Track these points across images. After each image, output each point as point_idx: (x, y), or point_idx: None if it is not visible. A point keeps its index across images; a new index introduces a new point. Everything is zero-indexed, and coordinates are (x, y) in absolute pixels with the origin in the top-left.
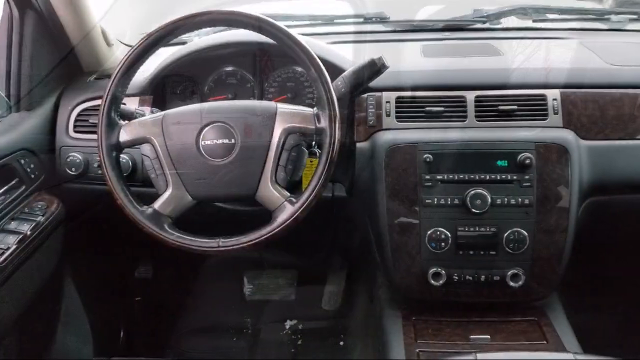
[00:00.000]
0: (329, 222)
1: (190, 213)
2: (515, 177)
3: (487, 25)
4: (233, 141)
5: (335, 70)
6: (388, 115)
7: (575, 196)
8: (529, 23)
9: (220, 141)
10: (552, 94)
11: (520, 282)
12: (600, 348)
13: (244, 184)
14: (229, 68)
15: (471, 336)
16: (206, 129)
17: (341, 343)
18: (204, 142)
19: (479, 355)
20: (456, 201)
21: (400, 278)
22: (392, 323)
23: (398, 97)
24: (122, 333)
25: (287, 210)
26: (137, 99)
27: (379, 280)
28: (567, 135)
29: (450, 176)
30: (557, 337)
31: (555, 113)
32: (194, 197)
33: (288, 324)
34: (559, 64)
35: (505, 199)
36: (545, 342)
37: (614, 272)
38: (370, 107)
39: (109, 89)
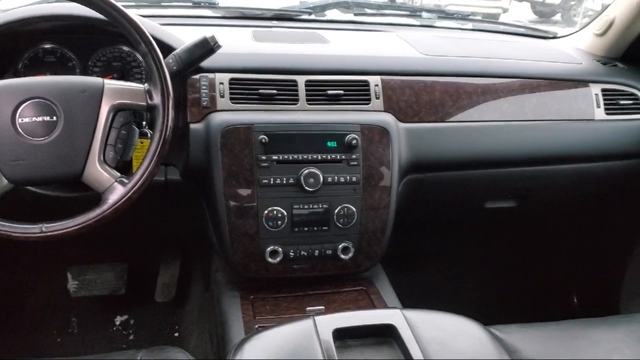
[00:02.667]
0: (162, 208)
1: (9, 199)
2: (343, 157)
3: (313, 17)
4: (55, 119)
5: (166, 49)
6: (222, 96)
7: (396, 174)
8: (351, 16)
9: (40, 118)
10: (374, 80)
11: (350, 255)
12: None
13: (69, 164)
14: (47, 45)
15: (307, 308)
16: (23, 105)
17: (176, 334)
18: (22, 120)
19: (317, 318)
20: (291, 180)
21: (239, 259)
22: (231, 303)
23: (232, 79)
24: None
25: (118, 191)
26: None
27: (215, 264)
28: (387, 118)
29: (285, 156)
30: (384, 302)
31: (377, 98)
32: (11, 180)
33: (118, 319)
34: (379, 52)
35: (336, 177)
36: (373, 308)
37: (429, 244)
38: (204, 88)
39: None
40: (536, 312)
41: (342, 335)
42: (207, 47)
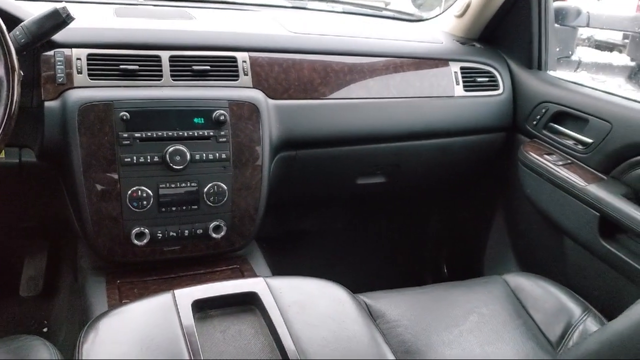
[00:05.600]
0: (19, 193)
1: None
2: (212, 133)
3: None
4: None
5: (13, 21)
6: (79, 72)
7: (267, 151)
8: None
9: None
10: (242, 57)
11: (222, 233)
12: None
13: None
14: None
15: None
16: None
17: (45, 330)
18: None
19: (176, 291)
20: (156, 158)
21: (103, 243)
22: (95, 289)
23: (90, 54)
24: None
25: None
26: None
27: (80, 251)
28: (256, 95)
29: (149, 134)
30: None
31: (246, 74)
32: None
33: None
34: (247, 29)
35: (204, 155)
36: None
37: (308, 222)
38: (59, 64)
39: None
40: (410, 282)
41: (203, 307)
42: (58, 18)
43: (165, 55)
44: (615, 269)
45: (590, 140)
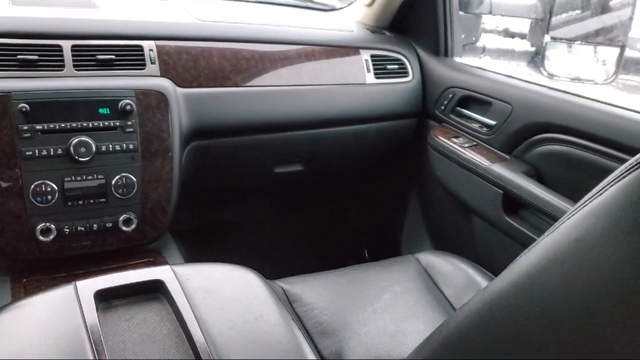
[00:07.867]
0: None
1: None
2: (118, 124)
3: None
4: None
5: None
6: None
7: (177, 140)
8: None
9: None
10: (148, 45)
11: (133, 226)
12: None
13: None
14: None
15: None
16: None
17: None
18: None
19: (78, 283)
20: (60, 151)
21: (6, 241)
22: None
23: None
24: None
25: None
26: None
27: None
28: (164, 83)
29: (51, 125)
30: None
31: (153, 63)
32: None
33: None
34: (154, 17)
35: (111, 146)
36: None
37: (228, 213)
38: None
39: None
40: (333, 268)
41: (107, 297)
42: None
43: (67, 44)
44: (519, 243)
45: (493, 122)
